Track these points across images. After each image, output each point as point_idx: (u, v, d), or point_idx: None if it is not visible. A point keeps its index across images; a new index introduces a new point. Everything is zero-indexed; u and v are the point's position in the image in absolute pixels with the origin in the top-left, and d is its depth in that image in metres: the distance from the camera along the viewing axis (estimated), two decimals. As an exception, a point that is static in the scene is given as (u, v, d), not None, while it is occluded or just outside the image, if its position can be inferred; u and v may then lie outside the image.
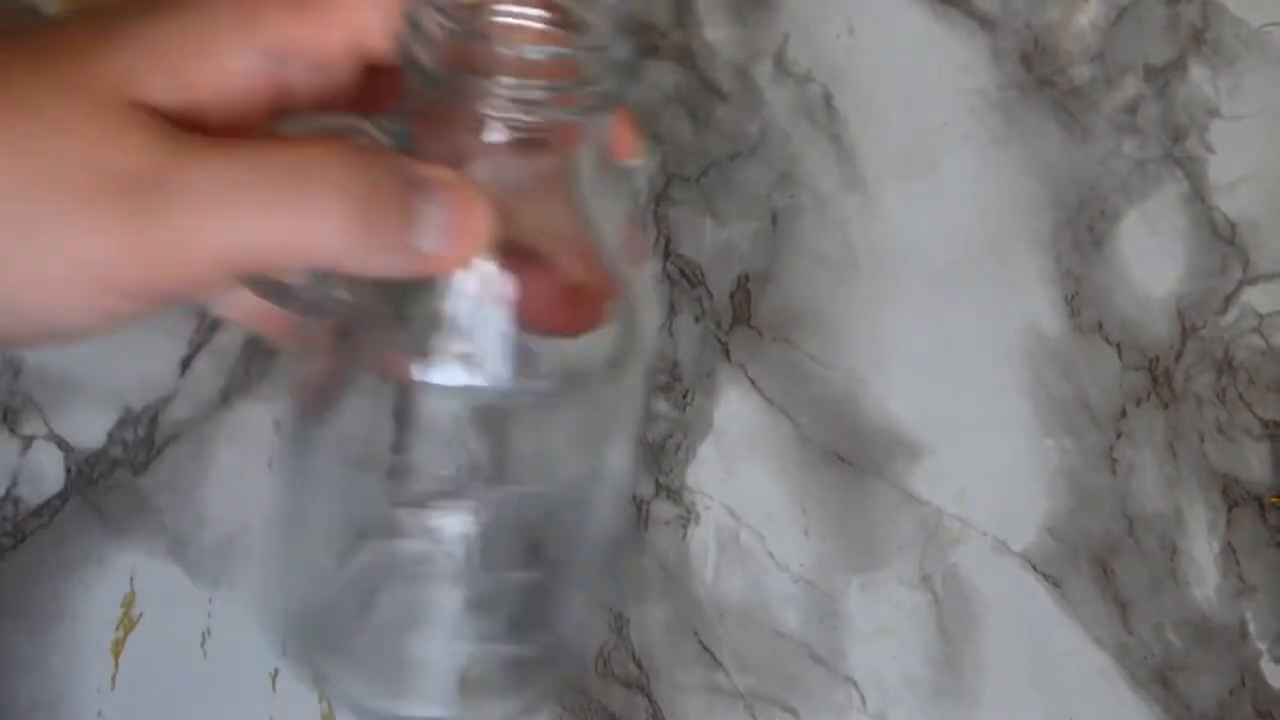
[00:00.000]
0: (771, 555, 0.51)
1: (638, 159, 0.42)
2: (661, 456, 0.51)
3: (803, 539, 0.51)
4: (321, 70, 0.37)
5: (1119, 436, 0.53)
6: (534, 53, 0.36)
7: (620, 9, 0.38)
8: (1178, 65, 0.60)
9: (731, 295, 0.52)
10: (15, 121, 0.35)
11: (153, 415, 0.53)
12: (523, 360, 0.39)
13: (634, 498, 0.51)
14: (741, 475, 0.52)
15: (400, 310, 0.39)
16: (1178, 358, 0.54)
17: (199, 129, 0.35)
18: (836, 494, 0.51)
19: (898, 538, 0.50)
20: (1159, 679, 0.48)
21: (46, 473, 0.52)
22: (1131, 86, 0.60)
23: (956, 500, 0.51)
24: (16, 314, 0.35)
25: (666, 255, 0.52)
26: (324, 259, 0.35)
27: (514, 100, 0.35)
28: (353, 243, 0.34)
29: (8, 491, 0.51)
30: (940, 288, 0.54)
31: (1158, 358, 0.54)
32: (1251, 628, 0.49)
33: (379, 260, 0.35)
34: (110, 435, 0.53)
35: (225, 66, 0.36)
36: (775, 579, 0.52)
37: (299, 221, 0.34)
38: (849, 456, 0.51)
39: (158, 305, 0.35)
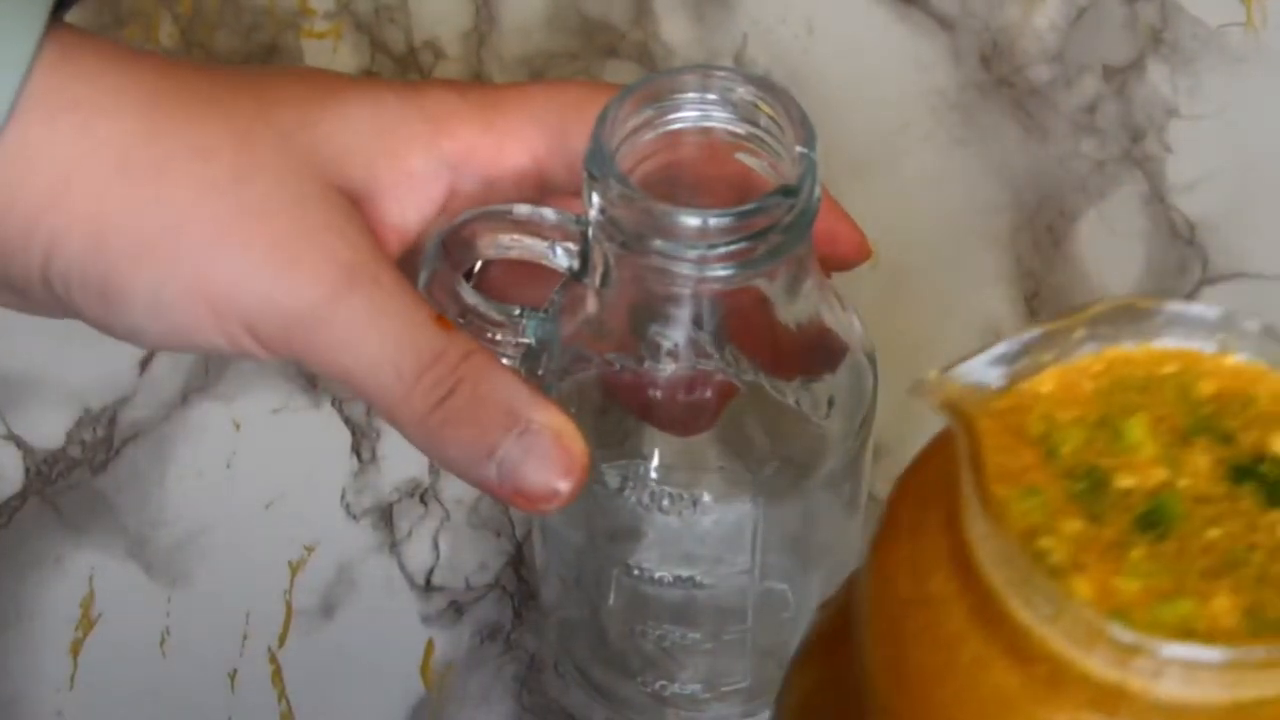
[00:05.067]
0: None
1: (866, 257, 0.40)
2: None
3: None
4: (490, 185, 0.39)
5: (1077, 436, 0.53)
6: (717, 221, 0.35)
7: (799, 108, 0.36)
8: (1136, 65, 0.60)
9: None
10: (238, 172, 0.36)
11: (111, 415, 0.53)
12: None
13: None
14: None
15: None
16: (1136, 358, 0.54)
17: (367, 219, 0.37)
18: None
19: (856, 537, 0.50)
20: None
21: (5, 473, 0.52)
22: (1090, 86, 0.60)
23: (915, 500, 0.51)
24: (168, 323, 0.37)
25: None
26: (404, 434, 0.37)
27: (699, 264, 0.35)
28: (431, 444, 0.36)
29: (-35, 492, 0.51)
30: (899, 287, 0.55)
31: (1117, 358, 0.54)
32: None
33: (451, 464, 0.36)
34: (69, 435, 0.53)
35: (409, 168, 0.38)
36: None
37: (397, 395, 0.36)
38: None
39: (263, 357, 0.37)
